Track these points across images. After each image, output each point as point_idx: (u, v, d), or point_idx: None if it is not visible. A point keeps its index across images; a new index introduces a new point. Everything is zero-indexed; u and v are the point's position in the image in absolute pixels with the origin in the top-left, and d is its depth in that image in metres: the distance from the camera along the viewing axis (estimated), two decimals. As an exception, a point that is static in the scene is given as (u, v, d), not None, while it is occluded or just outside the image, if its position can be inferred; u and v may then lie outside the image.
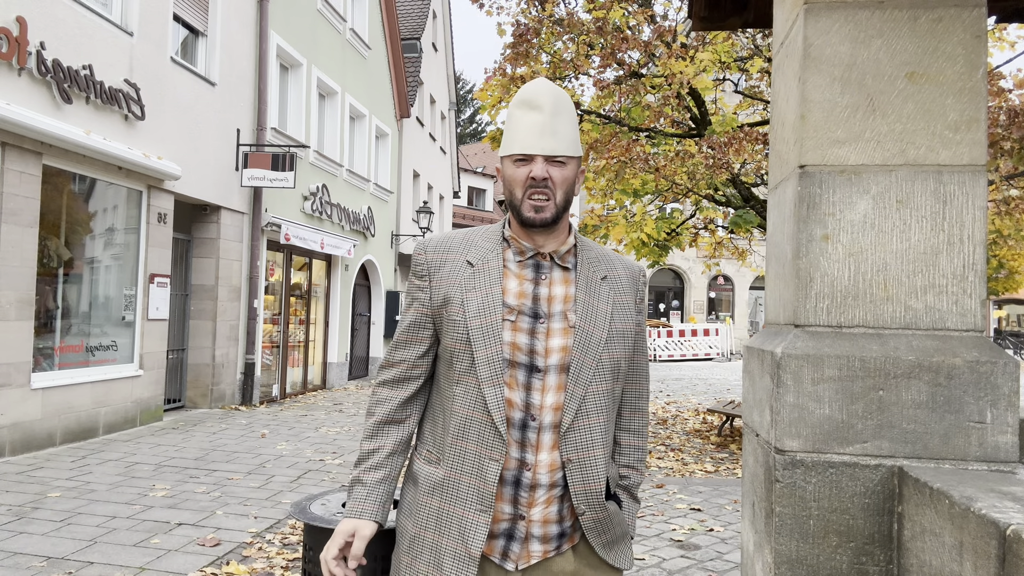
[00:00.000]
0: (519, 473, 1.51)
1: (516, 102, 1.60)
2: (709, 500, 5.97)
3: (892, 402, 1.70)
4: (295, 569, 4.19)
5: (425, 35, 20.72)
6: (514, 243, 1.61)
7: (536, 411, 1.52)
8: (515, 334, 1.53)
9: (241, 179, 10.70)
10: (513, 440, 1.51)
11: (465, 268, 1.59)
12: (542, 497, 1.53)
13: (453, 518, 1.51)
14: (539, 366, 1.53)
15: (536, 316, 1.55)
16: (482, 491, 1.50)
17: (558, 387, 1.53)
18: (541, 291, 1.58)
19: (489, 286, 1.56)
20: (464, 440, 1.52)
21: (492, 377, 1.51)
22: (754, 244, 12.30)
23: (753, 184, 9.30)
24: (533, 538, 1.54)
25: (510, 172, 1.58)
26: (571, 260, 1.63)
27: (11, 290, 6.86)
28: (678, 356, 24.33)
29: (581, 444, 1.53)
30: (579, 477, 1.53)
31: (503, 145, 1.62)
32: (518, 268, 1.59)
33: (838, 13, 1.81)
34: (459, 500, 1.52)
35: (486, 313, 1.54)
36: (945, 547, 1.43)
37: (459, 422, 1.53)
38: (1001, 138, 6.97)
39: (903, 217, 1.78)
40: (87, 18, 7.79)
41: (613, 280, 1.65)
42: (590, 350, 1.55)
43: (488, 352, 1.51)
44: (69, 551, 4.39)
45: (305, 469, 6.78)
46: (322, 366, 14.26)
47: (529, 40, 8.74)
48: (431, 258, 1.63)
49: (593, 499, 1.55)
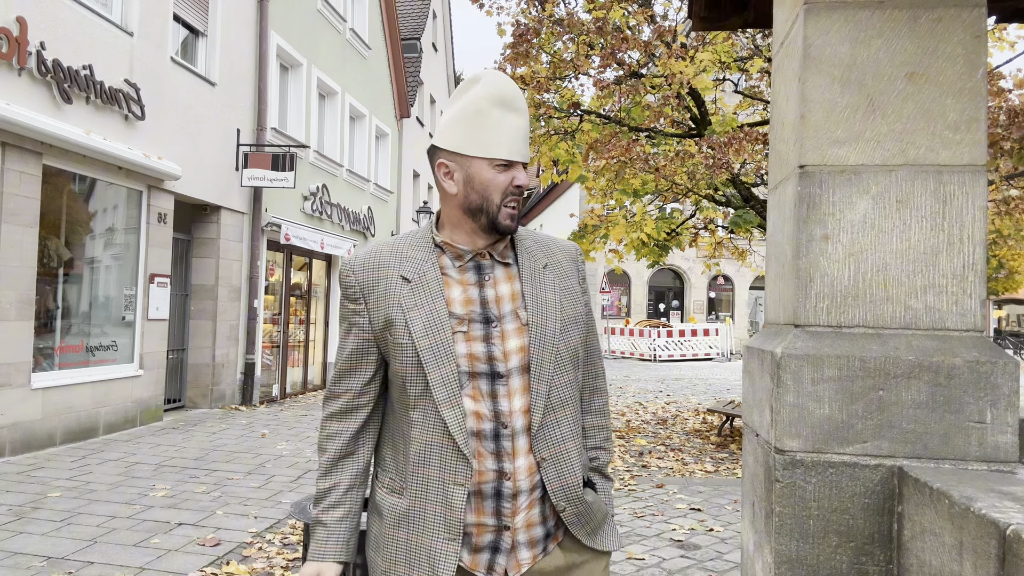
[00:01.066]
0: (499, 484, 1.46)
1: (490, 99, 1.47)
2: (709, 500, 5.97)
3: (892, 402, 1.70)
4: (295, 569, 4.18)
5: (425, 35, 20.74)
6: (449, 248, 1.53)
7: (506, 418, 1.47)
8: (470, 344, 1.47)
9: (241, 179, 10.70)
10: (487, 452, 1.46)
11: (401, 285, 1.50)
12: (524, 503, 1.49)
13: (421, 549, 1.46)
14: (500, 372, 1.47)
15: (487, 321, 1.49)
16: (449, 519, 1.45)
17: (523, 389, 1.48)
18: (487, 293, 1.51)
19: (431, 301, 1.48)
20: (426, 467, 1.46)
21: (450, 398, 1.44)
22: (754, 244, 12.29)
23: (753, 184, 9.30)
24: (520, 546, 1.50)
25: (487, 176, 1.48)
26: (510, 255, 1.57)
27: (11, 290, 6.86)
28: (678, 356, 24.31)
29: (553, 440, 1.50)
30: (554, 474, 1.50)
31: (468, 143, 1.48)
32: (458, 274, 1.52)
33: (838, 13, 1.81)
34: (426, 530, 1.46)
35: (434, 331, 1.45)
36: (945, 547, 1.43)
37: (419, 448, 1.47)
38: (1001, 138, 6.96)
39: (903, 217, 1.78)
40: (87, 18, 7.79)
41: (554, 266, 1.59)
42: (547, 344, 1.50)
43: (442, 372, 1.44)
44: (69, 551, 4.39)
45: (305, 469, 6.77)
46: (322, 366, 14.26)
47: (529, 40, 8.74)
48: (361, 278, 1.52)
49: (571, 493, 1.52)
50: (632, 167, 8.42)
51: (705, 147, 8.04)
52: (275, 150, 10.99)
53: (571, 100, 9.19)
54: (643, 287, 30.01)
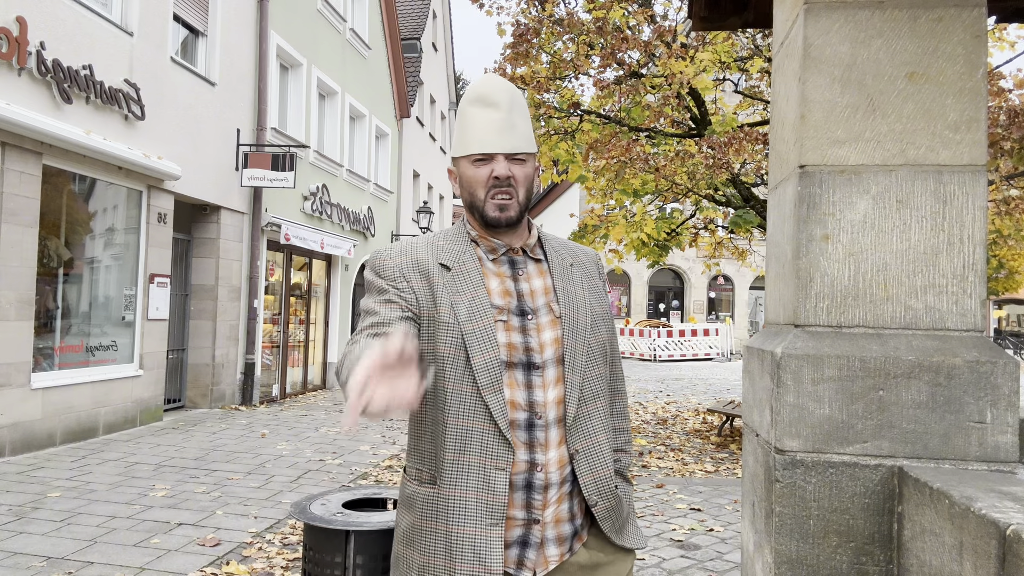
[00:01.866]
0: (530, 476, 1.47)
1: (469, 99, 1.55)
2: (709, 500, 5.97)
3: (892, 402, 1.70)
4: (295, 569, 4.18)
5: (425, 35, 20.73)
6: (483, 242, 1.58)
7: (540, 408, 1.48)
8: (509, 334, 1.49)
9: (241, 179, 10.70)
10: (520, 442, 1.46)
11: (442, 272, 1.52)
12: (554, 496, 1.49)
13: (465, 539, 1.43)
14: (536, 363, 1.50)
15: (523, 313, 1.52)
16: (492, 504, 1.43)
17: (557, 380, 1.51)
18: (523, 286, 1.55)
19: (473, 288, 1.50)
20: (465, 454, 1.45)
21: (492, 383, 1.45)
22: (754, 244, 12.29)
23: (753, 184, 9.30)
24: (548, 542, 1.50)
25: (469, 173, 1.53)
26: (540, 252, 1.62)
27: (11, 290, 6.86)
28: (678, 356, 24.31)
29: (586, 432, 1.52)
30: (587, 467, 1.51)
31: (456, 145, 1.55)
32: (495, 266, 1.56)
33: (838, 13, 1.81)
34: (468, 519, 1.44)
35: (478, 316, 1.48)
36: (945, 547, 1.43)
37: (457, 435, 1.46)
38: (1001, 138, 6.96)
39: (903, 217, 1.78)
40: (87, 18, 7.79)
41: (580, 266, 1.65)
42: (579, 337, 1.54)
43: (485, 357, 1.46)
44: (69, 551, 4.39)
45: (305, 469, 6.78)
46: (322, 366, 14.26)
47: (529, 40, 8.74)
48: (401, 262, 1.53)
49: (604, 487, 1.53)
50: (632, 167, 8.42)
51: (705, 147, 8.04)
52: (275, 150, 10.99)
53: (571, 100, 9.20)
54: (643, 287, 30.01)
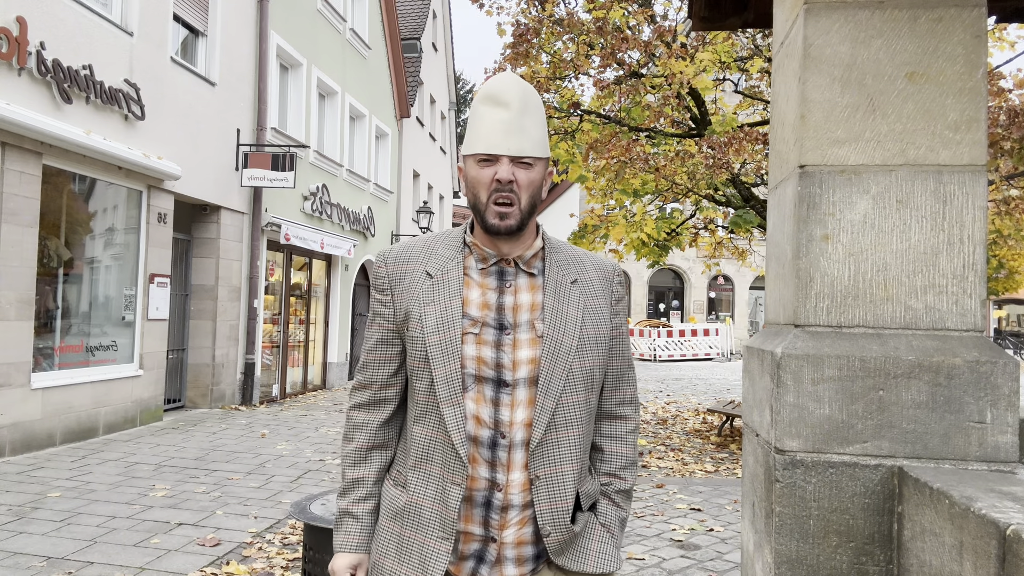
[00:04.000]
0: (489, 494, 1.44)
1: (481, 97, 1.48)
2: (709, 500, 5.97)
3: (892, 402, 1.70)
4: (295, 569, 4.18)
5: (425, 35, 20.72)
6: (476, 249, 1.51)
7: (506, 428, 1.44)
8: (480, 347, 1.45)
9: (241, 179, 10.70)
10: (482, 459, 1.44)
11: (424, 280, 1.50)
12: (515, 518, 1.45)
13: (414, 545, 1.45)
14: (507, 380, 1.45)
15: (501, 327, 1.46)
16: (444, 517, 1.43)
17: (528, 401, 1.44)
18: (506, 300, 1.48)
19: (448, 299, 1.47)
20: (429, 463, 1.46)
21: (451, 396, 1.42)
22: (754, 244, 12.29)
23: (753, 184, 9.30)
24: (507, 560, 1.47)
25: (474, 173, 1.47)
26: (538, 265, 1.53)
27: (11, 290, 6.86)
28: (678, 356, 24.31)
29: (550, 460, 1.45)
30: (545, 495, 1.45)
31: (466, 143, 1.49)
32: (480, 276, 1.50)
33: (838, 13, 1.81)
34: (420, 526, 1.45)
35: (444, 328, 1.45)
36: (945, 547, 1.43)
37: (423, 443, 1.47)
38: (1001, 138, 6.96)
39: (903, 217, 1.78)
40: (87, 18, 7.79)
41: (584, 283, 1.55)
42: (559, 360, 1.46)
43: (446, 370, 1.43)
44: (69, 551, 4.39)
45: (305, 469, 6.78)
46: (322, 366, 14.26)
47: (529, 40, 8.74)
48: (392, 271, 1.54)
49: (558, 519, 1.46)
50: (632, 167, 8.43)
51: (705, 147, 8.04)
52: (275, 150, 10.99)
53: (571, 100, 9.20)
54: (643, 287, 30.01)
